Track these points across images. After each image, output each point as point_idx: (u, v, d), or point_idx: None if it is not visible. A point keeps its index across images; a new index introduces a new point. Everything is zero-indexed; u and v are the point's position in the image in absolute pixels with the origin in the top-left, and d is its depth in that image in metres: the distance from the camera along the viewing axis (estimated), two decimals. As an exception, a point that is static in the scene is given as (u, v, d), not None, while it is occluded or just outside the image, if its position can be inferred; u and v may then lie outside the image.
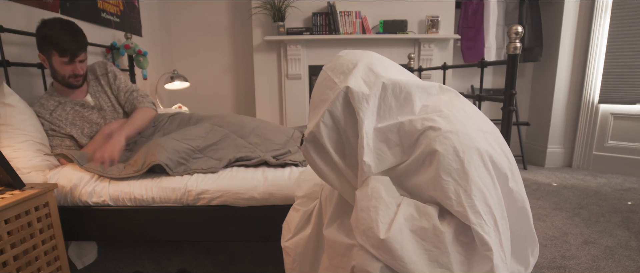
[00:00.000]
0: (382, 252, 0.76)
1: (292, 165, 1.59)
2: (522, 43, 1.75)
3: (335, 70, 0.92)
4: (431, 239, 0.77)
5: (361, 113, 0.85)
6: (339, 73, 0.90)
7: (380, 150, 0.87)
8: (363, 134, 0.85)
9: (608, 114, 3.11)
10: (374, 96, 0.86)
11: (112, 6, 2.52)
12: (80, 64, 1.58)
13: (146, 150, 1.50)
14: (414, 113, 0.88)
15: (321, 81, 0.94)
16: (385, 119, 0.88)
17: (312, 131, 0.88)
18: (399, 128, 0.87)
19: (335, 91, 0.87)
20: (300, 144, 0.91)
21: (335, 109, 0.86)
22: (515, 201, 0.89)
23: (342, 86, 0.86)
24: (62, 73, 1.56)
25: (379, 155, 0.86)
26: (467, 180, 0.77)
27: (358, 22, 3.15)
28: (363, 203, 0.82)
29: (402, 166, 0.86)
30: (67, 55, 1.52)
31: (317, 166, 0.92)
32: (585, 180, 2.93)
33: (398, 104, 0.89)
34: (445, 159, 0.78)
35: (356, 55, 0.95)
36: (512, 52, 1.37)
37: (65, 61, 1.53)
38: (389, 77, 0.89)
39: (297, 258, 1.09)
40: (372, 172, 0.85)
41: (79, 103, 1.67)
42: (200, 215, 1.43)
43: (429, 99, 0.92)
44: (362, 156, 0.84)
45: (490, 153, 0.82)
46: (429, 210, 0.80)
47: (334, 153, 0.89)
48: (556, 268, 1.61)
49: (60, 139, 1.60)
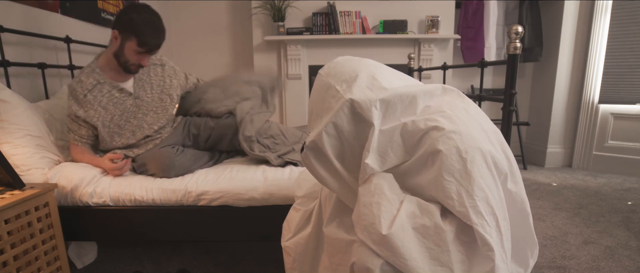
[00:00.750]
0: (383, 249, 0.76)
1: (292, 165, 1.59)
2: (522, 43, 1.75)
3: (336, 77, 0.91)
4: (433, 237, 0.77)
5: (373, 119, 0.84)
6: (340, 81, 0.89)
7: (383, 152, 0.86)
8: (371, 138, 0.84)
9: (608, 114, 3.11)
10: (380, 102, 0.86)
11: (112, 6, 2.52)
12: (149, 57, 1.58)
13: None
14: (416, 113, 0.88)
15: (320, 88, 0.93)
16: (389, 121, 0.88)
17: (314, 140, 0.87)
18: (402, 128, 0.87)
19: (339, 101, 0.85)
20: (301, 151, 0.91)
21: (339, 120, 0.85)
22: (514, 202, 0.89)
23: (347, 96, 0.85)
24: (130, 59, 1.52)
25: (382, 157, 0.86)
26: (469, 180, 0.77)
27: (358, 22, 3.15)
28: (365, 199, 0.82)
29: (404, 165, 0.87)
30: (145, 48, 1.50)
31: (316, 172, 0.91)
32: (585, 180, 2.93)
33: (403, 107, 0.89)
34: (447, 160, 0.78)
35: (355, 63, 0.94)
36: (512, 52, 1.37)
37: (140, 52, 1.51)
38: (393, 88, 0.89)
39: (298, 257, 1.09)
40: (380, 169, 0.86)
41: (118, 87, 1.60)
42: (200, 215, 1.43)
43: (432, 100, 0.92)
44: (365, 159, 0.84)
45: (493, 153, 0.83)
46: (431, 208, 0.80)
47: (335, 160, 0.89)
48: (556, 268, 1.61)
49: (78, 126, 1.56)
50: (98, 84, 1.55)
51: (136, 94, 1.63)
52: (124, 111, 1.60)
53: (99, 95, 1.55)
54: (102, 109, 1.56)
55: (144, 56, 1.53)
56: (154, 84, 1.70)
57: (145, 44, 1.49)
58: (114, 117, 1.58)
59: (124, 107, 1.60)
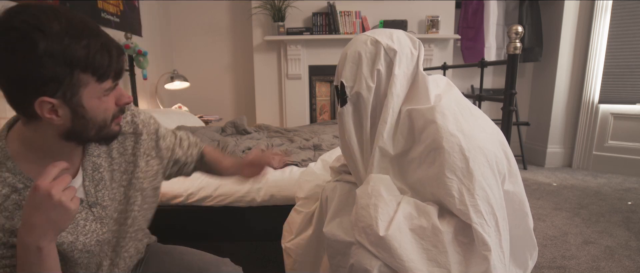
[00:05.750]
0: (381, 250, 0.77)
1: (293, 165, 1.59)
2: (522, 43, 1.75)
3: (375, 33, 0.92)
4: (430, 238, 0.77)
5: (395, 68, 0.86)
6: (381, 34, 0.91)
7: (395, 134, 0.88)
8: (389, 110, 0.86)
9: (608, 114, 3.11)
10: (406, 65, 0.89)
11: (112, 6, 2.53)
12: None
13: None
14: (430, 101, 0.88)
15: (360, 42, 0.92)
16: (410, 102, 0.89)
17: (359, 91, 0.88)
18: (413, 113, 0.87)
19: (380, 48, 0.87)
20: (341, 105, 0.91)
21: (381, 66, 0.87)
22: (511, 202, 0.89)
23: (386, 43, 0.87)
24: (106, 114, 0.69)
25: (394, 140, 0.88)
26: (471, 179, 0.77)
27: (358, 22, 3.15)
28: (363, 201, 0.83)
29: (409, 156, 0.87)
30: (112, 75, 0.69)
31: (347, 130, 0.92)
32: (585, 180, 2.92)
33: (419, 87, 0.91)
34: (450, 157, 0.78)
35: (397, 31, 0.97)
36: (512, 52, 1.37)
37: (108, 88, 0.67)
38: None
39: (298, 259, 1.09)
40: (388, 153, 0.87)
41: None
42: (201, 216, 1.43)
43: (438, 90, 0.92)
44: (378, 142, 0.87)
45: (495, 153, 0.83)
46: (429, 209, 0.80)
47: (369, 118, 0.90)
48: (556, 268, 1.61)
49: None
50: (14, 192, 0.65)
51: (91, 197, 0.74)
52: (75, 233, 0.71)
53: (17, 213, 0.65)
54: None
55: (117, 91, 0.69)
56: (117, 173, 0.80)
57: (110, 70, 0.64)
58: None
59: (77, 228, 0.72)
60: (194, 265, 0.90)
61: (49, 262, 0.59)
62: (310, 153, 1.70)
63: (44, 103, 0.58)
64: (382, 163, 0.89)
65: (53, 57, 0.56)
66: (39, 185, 0.55)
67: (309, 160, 1.61)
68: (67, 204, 0.56)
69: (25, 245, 0.57)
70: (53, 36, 0.56)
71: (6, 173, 0.64)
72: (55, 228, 0.58)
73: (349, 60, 0.89)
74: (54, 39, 0.56)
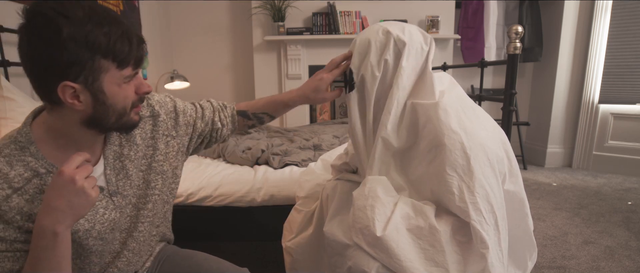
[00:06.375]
0: (378, 251, 0.77)
1: (293, 165, 1.59)
2: (522, 43, 1.75)
3: (389, 24, 0.92)
4: (427, 238, 0.77)
5: (403, 60, 0.85)
6: (394, 26, 0.90)
7: (399, 127, 0.87)
8: (394, 101, 0.85)
9: (608, 114, 3.11)
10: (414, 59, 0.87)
11: (112, 6, 2.53)
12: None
13: None
14: (435, 97, 0.88)
15: (373, 31, 0.92)
16: (415, 96, 0.89)
17: (364, 78, 0.88)
18: (417, 107, 0.86)
19: (390, 39, 0.86)
20: (350, 90, 0.91)
21: (389, 57, 0.86)
22: (511, 202, 0.89)
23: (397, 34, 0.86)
24: (127, 101, 0.71)
25: (398, 133, 0.87)
26: (471, 177, 0.77)
27: (358, 22, 3.15)
28: (360, 202, 0.83)
29: (412, 151, 0.87)
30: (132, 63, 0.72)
31: (352, 116, 0.92)
32: (585, 180, 2.92)
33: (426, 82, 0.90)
34: (451, 154, 0.78)
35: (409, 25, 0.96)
36: (512, 52, 1.37)
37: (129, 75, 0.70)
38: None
39: (298, 258, 1.09)
40: (391, 145, 0.87)
41: None
42: (202, 216, 1.43)
43: (441, 87, 0.92)
44: (381, 133, 0.86)
45: (497, 152, 0.83)
46: (426, 209, 0.81)
47: (372, 104, 0.90)
48: (556, 268, 1.61)
49: None
50: (36, 176, 0.68)
51: (112, 186, 0.76)
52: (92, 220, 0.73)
53: (37, 199, 0.67)
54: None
55: (137, 80, 0.72)
56: (138, 161, 0.81)
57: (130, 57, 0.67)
58: None
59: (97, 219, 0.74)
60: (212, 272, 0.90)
61: (61, 248, 0.61)
62: (310, 153, 1.71)
63: (67, 88, 0.61)
64: (385, 156, 0.88)
65: (76, 42, 0.59)
66: (63, 170, 0.59)
67: (309, 160, 1.62)
68: (89, 191, 0.60)
69: (42, 228, 0.60)
70: (76, 22, 0.59)
71: (29, 157, 0.67)
72: (74, 214, 0.61)
73: (358, 47, 0.90)
74: (77, 25, 0.59)
